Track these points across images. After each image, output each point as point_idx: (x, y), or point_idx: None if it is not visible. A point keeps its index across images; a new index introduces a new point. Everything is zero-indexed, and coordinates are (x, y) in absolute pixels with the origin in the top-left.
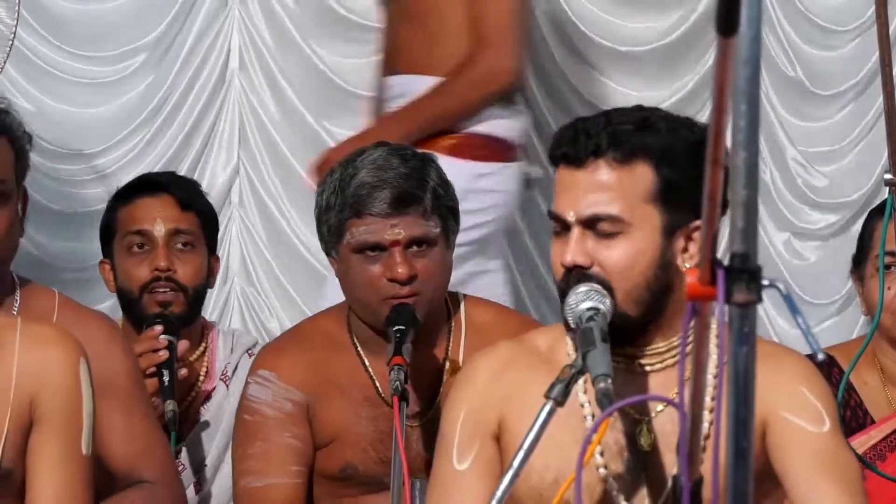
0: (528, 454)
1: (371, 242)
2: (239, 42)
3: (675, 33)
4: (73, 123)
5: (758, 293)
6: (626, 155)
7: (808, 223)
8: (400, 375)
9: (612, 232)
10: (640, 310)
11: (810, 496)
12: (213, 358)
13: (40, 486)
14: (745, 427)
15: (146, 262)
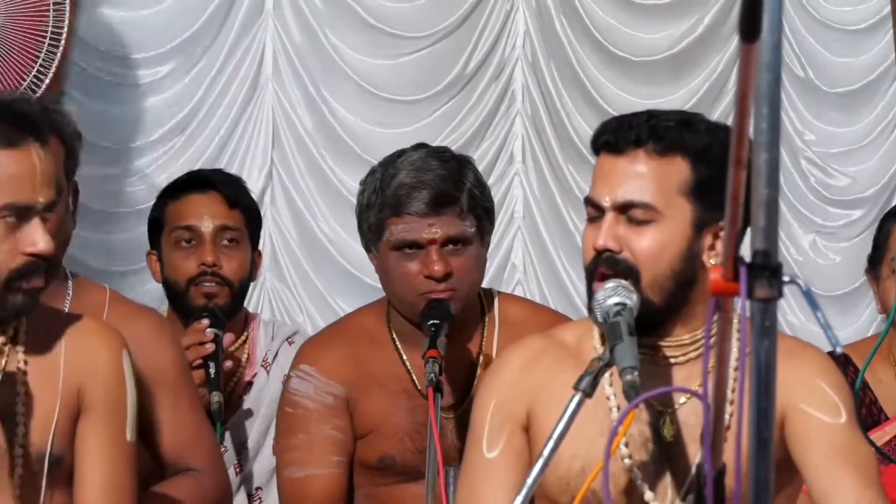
0: (558, 444)
1: (409, 240)
2: (272, 49)
3: (684, 42)
4: (112, 124)
5: (779, 289)
6: (666, 148)
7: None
8: (435, 368)
9: (644, 219)
10: (663, 298)
11: (827, 485)
12: (253, 346)
13: (88, 471)
14: (767, 418)
15: (193, 257)
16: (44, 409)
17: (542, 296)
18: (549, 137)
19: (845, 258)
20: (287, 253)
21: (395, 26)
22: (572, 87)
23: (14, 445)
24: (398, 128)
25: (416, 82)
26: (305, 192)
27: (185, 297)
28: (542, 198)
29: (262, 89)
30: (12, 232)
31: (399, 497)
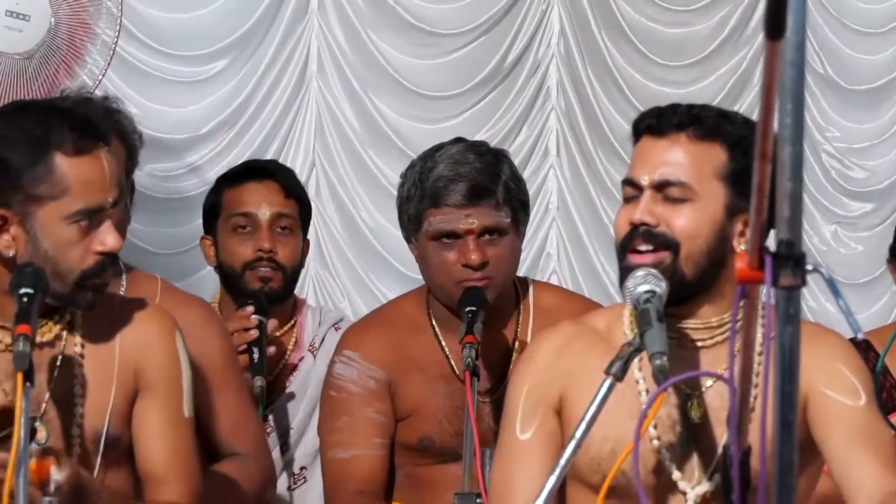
0: (590, 426)
1: (447, 231)
2: (317, 48)
3: (712, 39)
4: (164, 121)
5: (802, 278)
6: (705, 133)
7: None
8: (471, 353)
9: (680, 198)
10: (696, 274)
11: (847, 465)
12: (301, 331)
13: (151, 446)
14: (791, 401)
15: (250, 242)
16: (100, 391)
17: (577, 284)
18: (582, 132)
19: (865, 247)
20: (330, 242)
21: (435, 25)
22: (605, 83)
23: (72, 427)
24: (437, 123)
25: (454, 79)
26: (348, 183)
27: (240, 280)
28: (575, 190)
29: (308, 86)
30: (85, 234)
31: (438, 477)
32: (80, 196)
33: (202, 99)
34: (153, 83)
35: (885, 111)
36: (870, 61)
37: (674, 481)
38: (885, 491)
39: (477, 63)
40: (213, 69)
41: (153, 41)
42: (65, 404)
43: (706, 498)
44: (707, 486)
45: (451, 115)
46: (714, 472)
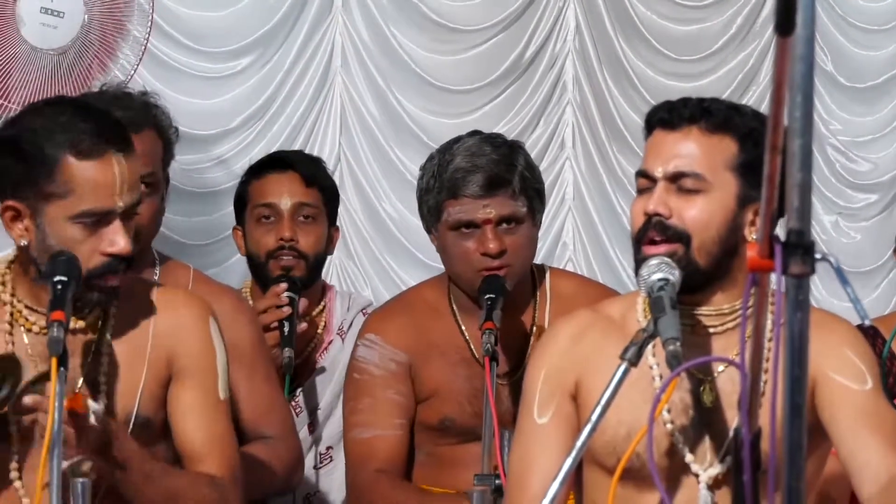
0: (605, 409)
1: (465, 220)
2: (341, 44)
3: (721, 35)
4: (194, 115)
5: (811, 266)
6: (716, 126)
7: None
8: (490, 338)
9: (693, 189)
10: (709, 263)
11: (854, 447)
12: (330, 315)
13: (187, 428)
14: (800, 385)
15: (273, 232)
16: (132, 375)
17: (592, 272)
18: (597, 125)
19: (865, 237)
20: (354, 232)
21: (455, 22)
22: (619, 78)
23: (104, 402)
24: (457, 117)
25: (473, 74)
26: (371, 175)
27: (264, 269)
28: (590, 181)
29: (332, 81)
30: (91, 234)
31: (458, 456)
32: (86, 198)
33: (230, 94)
34: (182, 78)
35: (886, 106)
36: (873, 58)
37: (686, 464)
38: (891, 472)
39: (496, 59)
40: (240, 65)
41: (183, 37)
42: (97, 387)
43: (718, 480)
44: (719, 468)
45: (470, 109)
46: (725, 455)
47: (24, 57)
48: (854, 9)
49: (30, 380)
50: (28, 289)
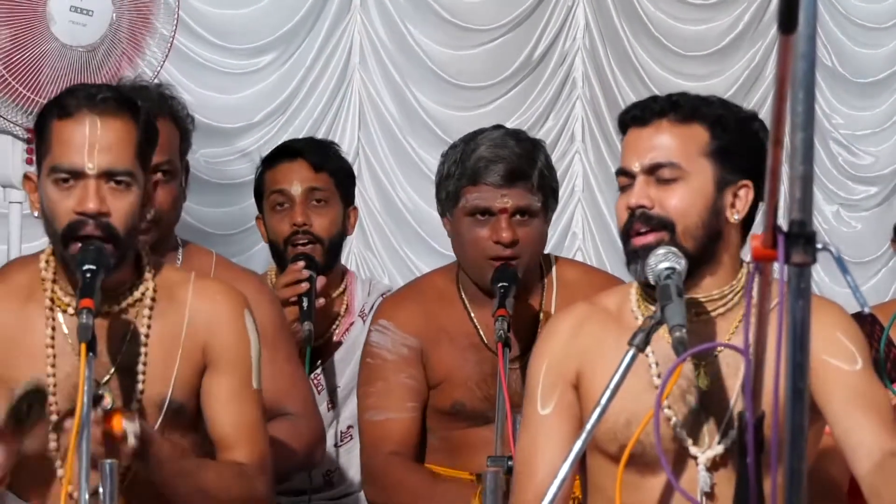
0: (614, 394)
1: (482, 207)
2: (360, 42)
3: (727, 34)
4: (218, 109)
5: (813, 255)
6: (685, 116)
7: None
8: (504, 325)
9: (671, 178)
10: (695, 247)
11: (848, 425)
12: (352, 297)
13: (220, 416)
14: (802, 370)
15: (287, 218)
16: (165, 362)
17: (600, 262)
18: (605, 119)
19: (864, 227)
20: (371, 221)
21: (468, 20)
22: (627, 74)
23: (134, 393)
24: (470, 111)
25: (486, 70)
26: (388, 167)
27: (283, 255)
28: (599, 173)
29: (351, 77)
30: (68, 194)
31: (470, 440)
32: (57, 154)
33: (253, 89)
34: (207, 74)
35: (887, 101)
36: (873, 55)
37: (685, 447)
38: (884, 449)
39: (508, 55)
40: (262, 61)
41: (208, 34)
42: (129, 372)
43: (716, 461)
44: (717, 449)
45: (483, 104)
46: (723, 436)
47: (55, 54)
48: (855, 8)
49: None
50: (63, 271)
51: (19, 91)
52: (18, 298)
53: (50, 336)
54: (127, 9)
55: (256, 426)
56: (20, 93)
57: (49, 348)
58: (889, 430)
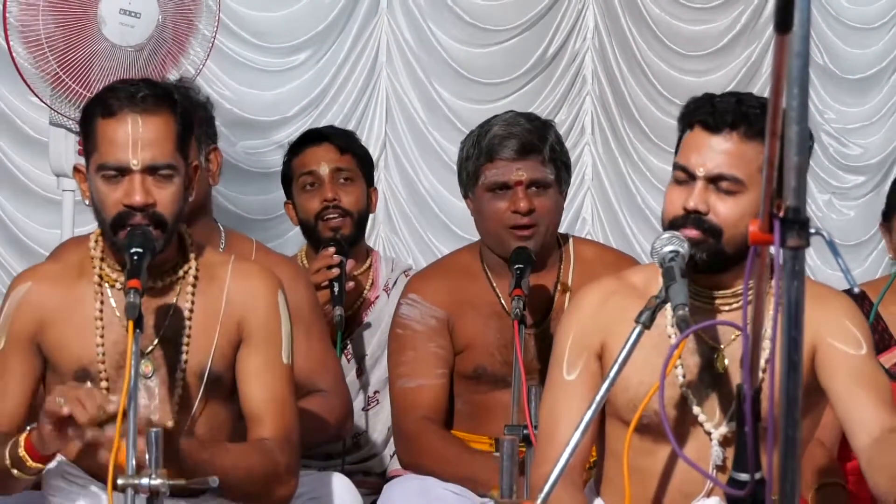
0: (622, 366)
1: (500, 182)
2: (386, 42)
3: (727, 34)
4: (256, 105)
5: (806, 239)
6: (754, 133)
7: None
8: (519, 304)
9: (731, 190)
10: (736, 250)
11: (850, 405)
12: (376, 274)
13: (251, 388)
14: (796, 344)
15: (317, 196)
16: (205, 336)
17: (608, 244)
18: (613, 114)
19: (856, 214)
20: (396, 207)
21: (486, 21)
22: (634, 71)
23: (177, 363)
24: (488, 104)
25: (503, 67)
26: (412, 157)
27: (315, 231)
28: (608, 163)
29: (378, 75)
30: (115, 187)
31: (491, 404)
32: (104, 152)
33: (288, 86)
34: (246, 72)
35: (875, 96)
36: (862, 54)
37: (699, 421)
38: (884, 427)
39: (523, 54)
40: (297, 60)
41: (246, 35)
42: (172, 344)
43: (727, 438)
44: (730, 426)
45: (500, 98)
46: (734, 415)
47: (105, 53)
48: (846, 10)
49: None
50: (110, 251)
51: (72, 87)
52: (70, 275)
53: (98, 309)
54: (172, 11)
55: (284, 400)
56: (73, 89)
57: (98, 320)
58: (888, 409)
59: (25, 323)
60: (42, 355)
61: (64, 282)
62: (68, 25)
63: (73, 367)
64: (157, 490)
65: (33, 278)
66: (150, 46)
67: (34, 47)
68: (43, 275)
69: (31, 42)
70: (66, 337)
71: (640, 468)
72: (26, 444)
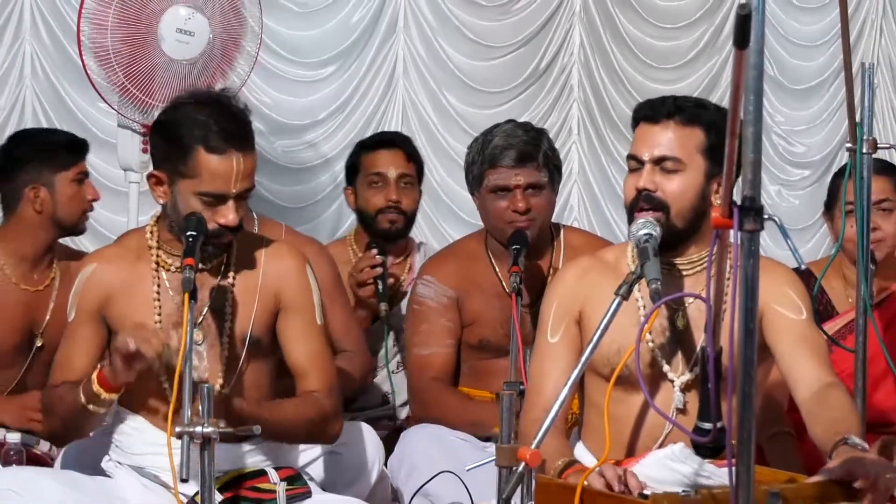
0: (604, 331)
1: (501, 185)
2: (403, 56)
3: (692, 50)
4: (290, 110)
5: (761, 224)
6: (688, 120)
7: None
8: (516, 279)
9: (673, 169)
10: (685, 224)
11: (792, 363)
12: (413, 261)
13: (294, 347)
14: (752, 314)
15: (381, 194)
16: (246, 306)
17: (591, 229)
18: (596, 117)
19: (801, 202)
20: None
21: (488, 39)
22: (614, 81)
23: (224, 330)
24: (490, 109)
25: (502, 78)
26: (425, 155)
27: (374, 221)
28: (591, 160)
29: (396, 85)
30: (209, 208)
31: (492, 368)
32: (208, 182)
33: (318, 94)
34: (282, 82)
35: (817, 103)
36: (807, 66)
37: (664, 372)
38: (822, 382)
39: (519, 67)
40: (325, 72)
41: (283, 51)
42: (219, 315)
43: (688, 384)
44: (688, 376)
45: (500, 105)
46: (694, 366)
47: (164, 66)
48: (794, 29)
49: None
50: (167, 238)
51: (136, 95)
52: (129, 258)
53: (156, 289)
54: (220, 32)
55: (323, 354)
56: (137, 97)
57: (156, 294)
58: (825, 367)
59: (92, 298)
60: (107, 325)
61: (124, 263)
62: (133, 43)
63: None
64: (208, 437)
65: (98, 261)
66: (202, 61)
67: (104, 61)
68: (107, 258)
69: (101, 57)
70: (128, 310)
71: (615, 415)
72: (99, 378)
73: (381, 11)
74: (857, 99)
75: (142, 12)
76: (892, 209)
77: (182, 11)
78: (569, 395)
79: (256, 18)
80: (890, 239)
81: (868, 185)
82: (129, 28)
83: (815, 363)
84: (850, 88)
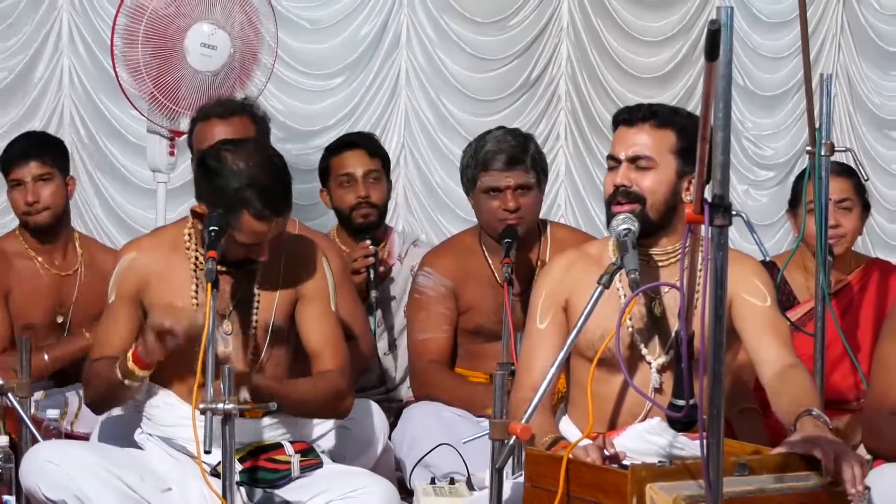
0: (588, 317)
1: (493, 187)
2: (405, 68)
3: (670, 63)
4: (302, 117)
5: (730, 219)
6: (661, 123)
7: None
8: (508, 270)
9: (647, 167)
10: (658, 217)
11: (758, 347)
12: (392, 247)
13: (311, 332)
14: (721, 301)
15: (351, 192)
16: (269, 296)
17: (577, 226)
18: (582, 124)
19: (767, 201)
20: (413, 196)
21: (484, 53)
22: (598, 92)
23: (250, 319)
24: (485, 117)
25: (497, 88)
26: (426, 158)
27: (349, 218)
28: (577, 162)
29: (399, 94)
30: (244, 246)
31: (486, 352)
32: (247, 236)
33: (327, 102)
34: (295, 91)
35: (783, 110)
36: (773, 77)
37: (642, 355)
38: (784, 363)
39: (512, 78)
40: (335, 83)
41: (296, 63)
42: (245, 305)
43: (664, 366)
44: (664, 358)
45: (495, 113)
46: (669, 349)
47: (189, 77)
48: (761, 43)
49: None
50: (202, 243)
51: (164, 103)
52: (164, 249)
53: (194, 282)
54: (240, 46)
55: (337, 337)
56: (165, 105)
57: (193, 289)
58: (788, 349)
59: (131, 283)
60: (143, 308)
61: (160, 253)
62: (161, 55)
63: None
64: (229, 412)
65: (137, 249)
66: (223, 72)
67: (134, 72)
68: (146, 246)
69: (132, 68)
70: (165, 295)
71: (598, 393)
72: (133, 356)
73: (386, 27)
74: (816, 107)
75: (169, 28)
76: (851, 208)
77: (206, 27)
78: (555, 375)
79: (272, 34)
80: (850, 235)
81: (826, 184)
82: (157, 42)
83: (778, 346)
84: (811, 98)
